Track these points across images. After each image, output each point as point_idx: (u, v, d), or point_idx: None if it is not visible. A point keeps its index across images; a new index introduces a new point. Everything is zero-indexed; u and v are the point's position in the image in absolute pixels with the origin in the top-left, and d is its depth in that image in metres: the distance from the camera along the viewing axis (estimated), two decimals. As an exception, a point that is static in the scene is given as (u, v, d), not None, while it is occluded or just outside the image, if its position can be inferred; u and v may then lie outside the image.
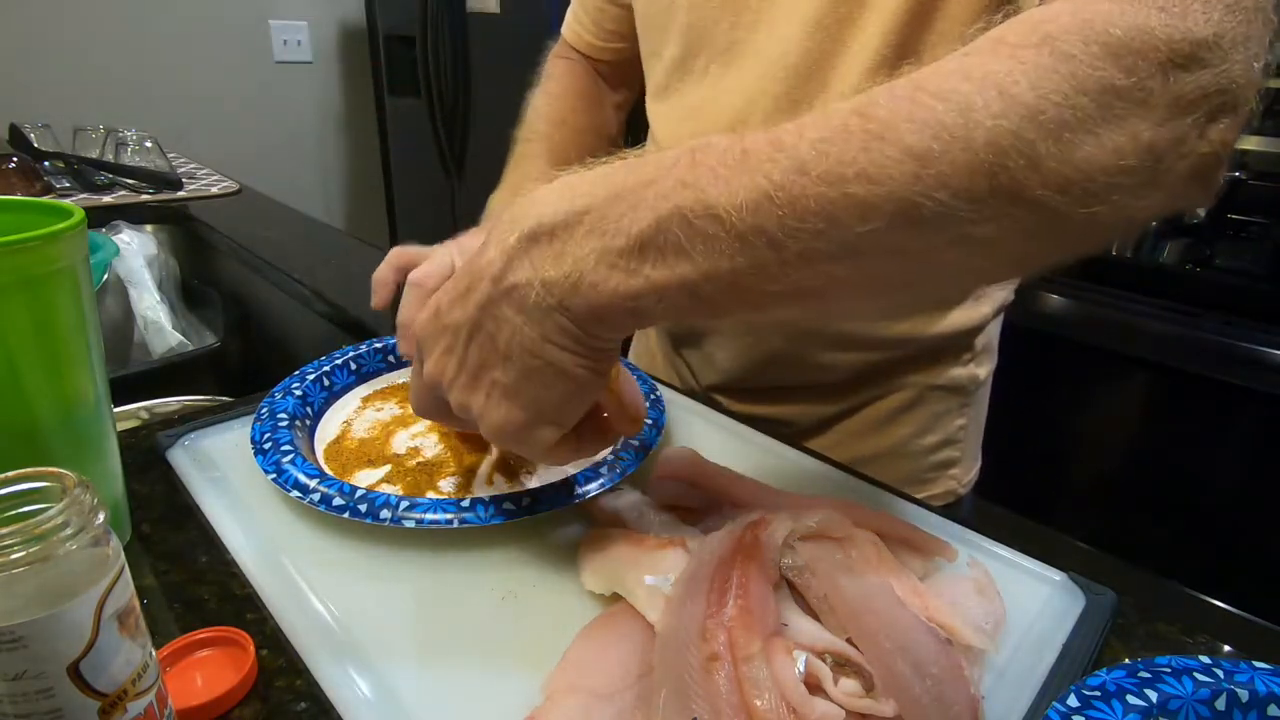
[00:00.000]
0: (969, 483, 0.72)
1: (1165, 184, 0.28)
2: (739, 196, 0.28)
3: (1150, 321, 1.28)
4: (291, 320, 0.97)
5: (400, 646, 0.35)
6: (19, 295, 0.34)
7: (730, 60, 0.58)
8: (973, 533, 0.45)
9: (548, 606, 0.38)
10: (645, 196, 0.29)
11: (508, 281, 0.31)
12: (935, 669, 0.31)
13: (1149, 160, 0.27)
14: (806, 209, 0.27)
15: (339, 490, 0.42)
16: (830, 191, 0.27)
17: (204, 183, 1.34)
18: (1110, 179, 0.27)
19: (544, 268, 0.31)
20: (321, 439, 0.52)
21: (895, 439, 0.67)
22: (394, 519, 0.41)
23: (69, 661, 0.24)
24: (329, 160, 2.51)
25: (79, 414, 0.38)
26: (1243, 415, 1.22)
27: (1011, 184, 0.26)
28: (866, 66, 0.51)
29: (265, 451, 0.46)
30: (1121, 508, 1.40)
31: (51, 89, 1.88)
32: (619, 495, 0.44)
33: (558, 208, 0.31)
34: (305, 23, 2.31)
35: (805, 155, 0.28)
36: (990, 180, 0.26)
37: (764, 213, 0.28)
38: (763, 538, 0.36)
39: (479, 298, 0.32)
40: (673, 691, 0.30)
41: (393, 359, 0.61)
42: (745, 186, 0.28)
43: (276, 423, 0.49)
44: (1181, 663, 0.30)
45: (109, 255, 0.78)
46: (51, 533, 0.23)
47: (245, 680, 0.33)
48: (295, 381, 0.54)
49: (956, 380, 0.66)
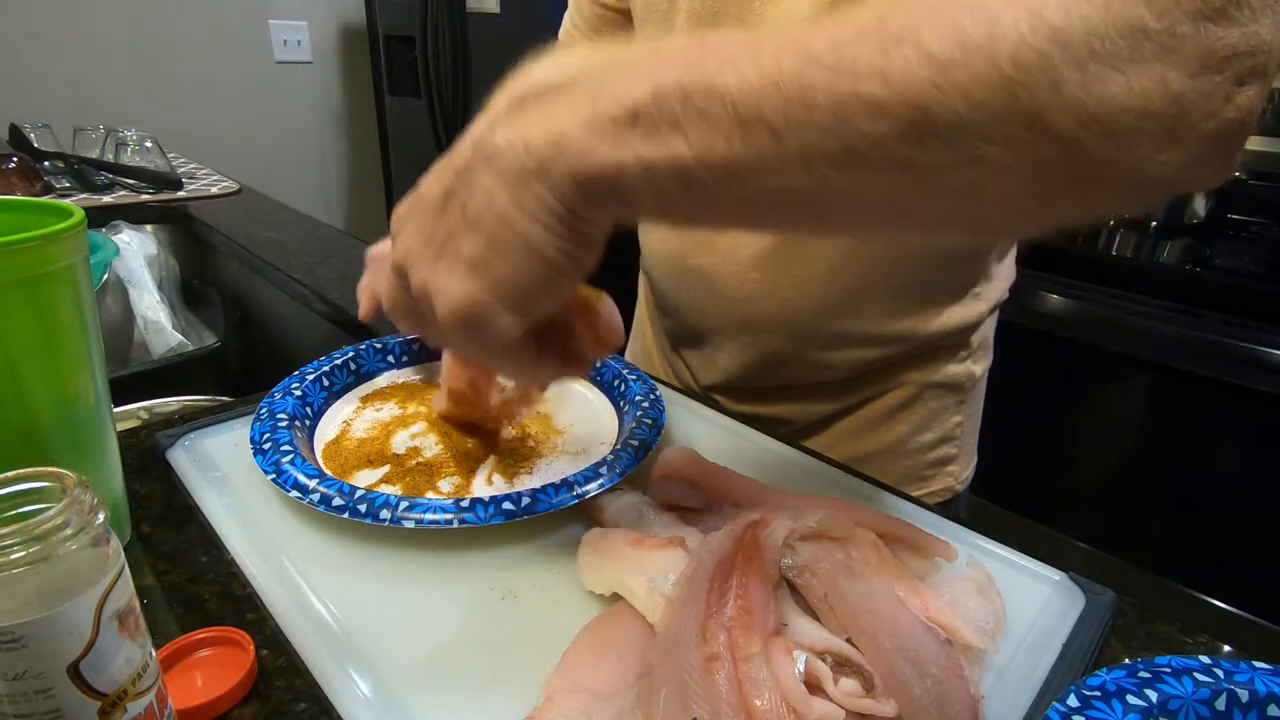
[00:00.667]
0: (966, 479, 0.73)
1: (1187, 142, 0.27)
2: (745, 79, 0.27)
3: (1150, 321, 1.28)
4: (291, 320, 0.97)
5: (400, 646, 0.35)
6: (19, 295, 0.34)
7: None
8: (972, 533, 0.45)
9: (548, 606, 0.38)
10: (645, 67, 0.28)
11: (488, 144, 0.29)
12: (935, 669, 0.31)
13: (1174, 110, 0.26)
14: (815, 101, 0.26)
15: (338, 490, 0.42)
16: (841, 85, 0.26)
17: (204, 183, 1.34)
18: (1134, 121, 0.26)
19: (528, 129, 0.28)
20: (321, 439, 0.52)
21: (893, 437, 0.67)
22: (394, 519, 0.41)
23: (69, 661, 0.24)
24: (329, 160, 2.51)
25: (79, 414, 0.38)
26: (1242, 415, 1.22)
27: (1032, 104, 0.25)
28: None
29: (265, 451, 0.46)
30: (1121, 508, 1.40)
31: (51, 89, 1.88)
32: (619, 495, 0.44)
33: (551, 71, 0.29)
34: (305, 23, 2.31)
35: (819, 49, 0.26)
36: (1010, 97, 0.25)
37: (769, 99, 0.26)
38: (762, 538, 0.36)
39: (456, 163, 0.30)
40: (673, 691, 0.30)
41: (392, 359, 0.61)
42: (754, 71, 0.27)
43: (276, 423, 0.49)
44: (1181, 663, 0.30)
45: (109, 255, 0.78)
46: (51, 533, 0.23)
47: (245, 680, 0.33)
48: (295, 381, 0.54)
49: (953, 377, 0.66)
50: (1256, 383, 1.18)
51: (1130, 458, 1.38)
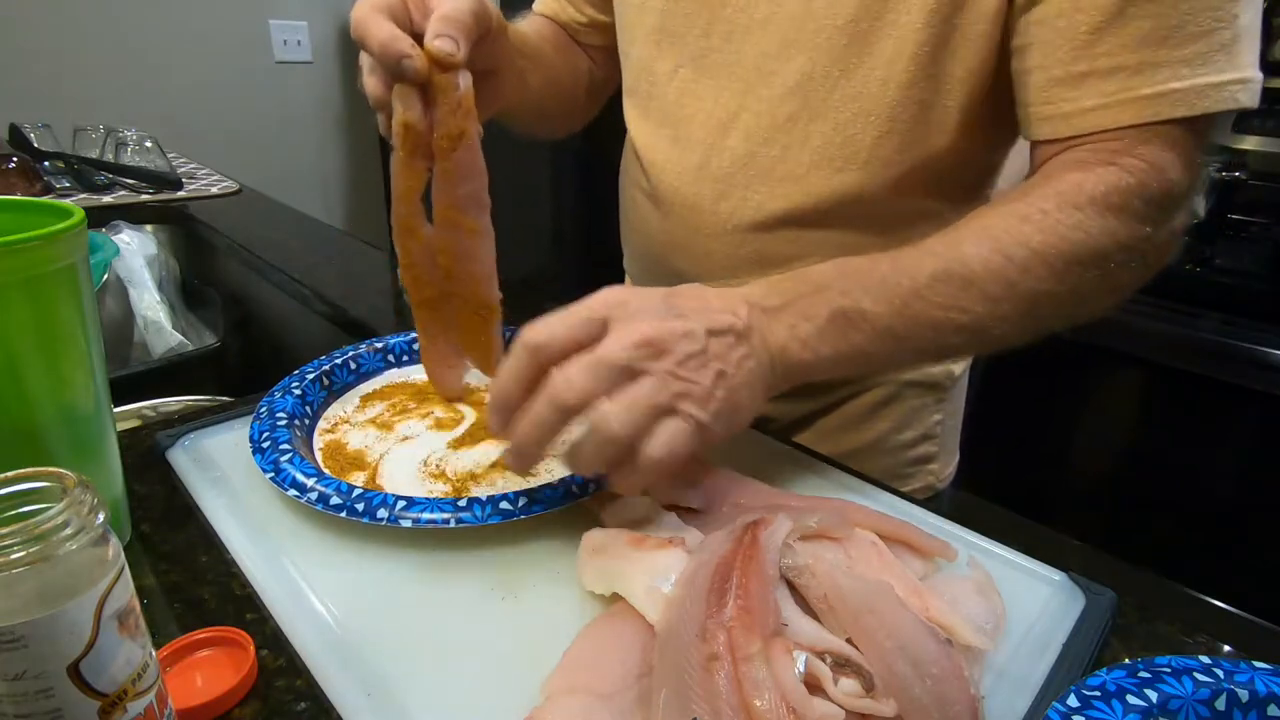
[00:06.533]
0: (947, 477, 0.73)
1: None
2: (881, 306, 0.44)
3: (1149, 321, 1.28)
4: (291, 320, 0.97)
5: (400, 646, 0.35)
6: (19, 295, 0.34)
7: (703, 68, 0.57)
8: (972, 533, 0.45)
9: (548, 606, 0.38)
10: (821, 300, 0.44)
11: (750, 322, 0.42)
12: (935, 669, 0.31)
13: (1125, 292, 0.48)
14: (924, 323, 0.44)
15: (336, 489, 0.42)
16: (939, 314, 0.44)
17: (204, 183, 1.34)
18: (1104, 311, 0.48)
19: (766, 331, 0.43)
20: (320, 438, 0.52)
21: (874, 434, 0.67)
22: (391, 518, 0.41)
23: (69, 661, 0.24)
24: (329, 160, 2.50)
25: (79, 414, 0.38)
26: (1242, 415, 1.22)
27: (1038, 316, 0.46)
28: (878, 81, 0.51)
29: (264, 450, 0.46)
30: (1121, 508, 1.40)
31: (51, 89, 1.88)
32: (619, 495, 0.44)
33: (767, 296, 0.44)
34: (305, 23, 2.30)
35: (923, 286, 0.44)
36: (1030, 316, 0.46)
37: (896, 320, 0.44)
38: (762, 538, 0.36)
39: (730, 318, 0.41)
40: (673, 691, 0.30)
41: (392, 358, 0.61)
42: (885, 300, 0.44)
43: (275, 422, 0.49)
44: (1181, 663, 0.30)
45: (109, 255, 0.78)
46: (51, 533, 0.23)
47: (245, 680, 0.33)
48: (295, 381, 0.54)
49: (932, 376, 0.67)
50: (1256, 383, 1.18)
51: (1130, 457, 1.38)
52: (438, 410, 0.55)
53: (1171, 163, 0.44)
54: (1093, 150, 0.45)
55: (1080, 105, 0.45)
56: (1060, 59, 0.45)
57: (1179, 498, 1.31)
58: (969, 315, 0.44)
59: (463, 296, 0.51)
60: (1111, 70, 0.43)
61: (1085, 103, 0.45)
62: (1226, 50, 0.42)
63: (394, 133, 0.45)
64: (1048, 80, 0.46)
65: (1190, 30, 0.42)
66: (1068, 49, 0.44)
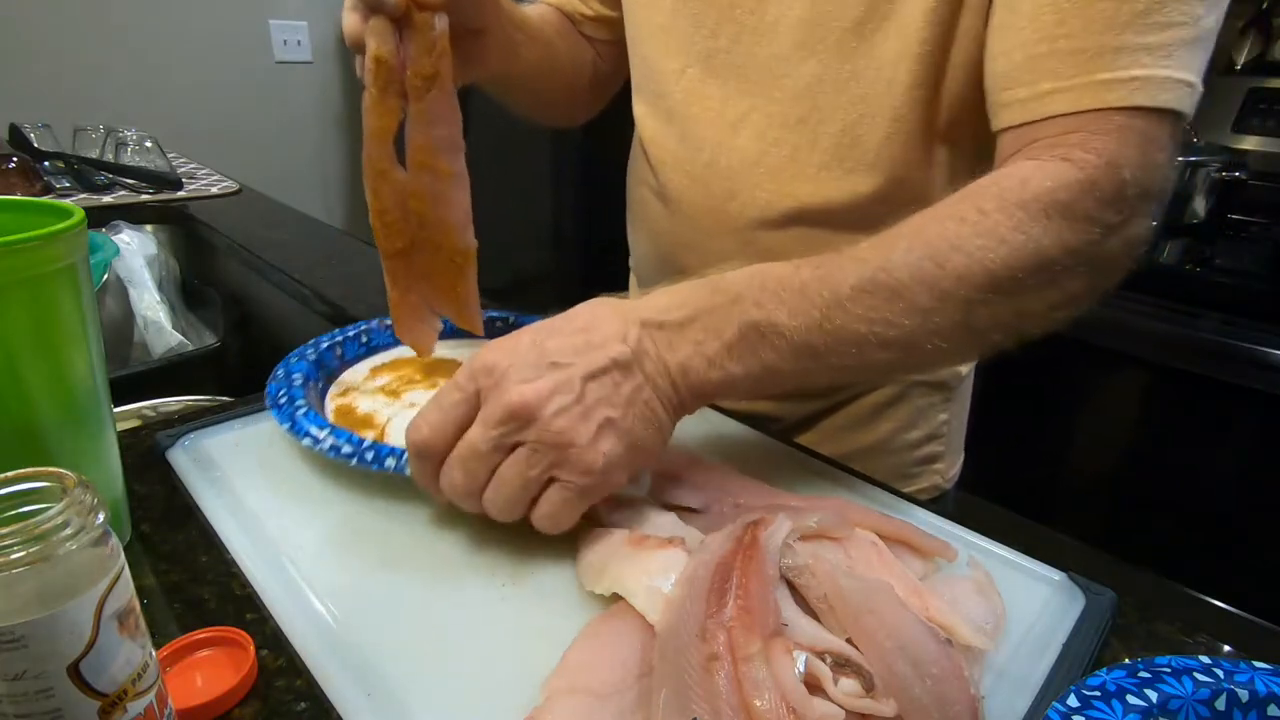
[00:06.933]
0: (953, 477, 0.73)
1: None
2: (797, 320, 0.40)
3: (1149, 321, 1.27)
4: (291, 320, 0.97)
5: (400, 646, 0.35)
6: (19, 295, 0.34)
7: (712, 68, 0.57)
8: (972, 532, 0.45)
9: (548, 606, 0.39)
10: (733, 312, 0.40)
11: (641, 348, 0.40)
12: (935, 669, 0.31)
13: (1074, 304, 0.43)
14: (845, 339, 0.40)
15: (347, 439, 0.44)
16: (862, 328, 0.40)
17: (204, 183, 1.34)
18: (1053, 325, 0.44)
19: (666, 353, 0.40)
20: (332, 402, 0.54)
21: (879, 434, 0.67)
22: (398, 467, 0.43)
23: (69, 661, 0.24)
24: (329, 160, 2.50)
25: (79, 414, 0.38)
26: (1242, 415, 1.22)
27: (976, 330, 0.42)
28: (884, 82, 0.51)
29: (280, 406, 0.48)
30: (1121, 508, 1.40)
31: (51, 89, 1.88)
32: (619, 495, 0.44)
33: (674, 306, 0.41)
34: (305, 23, 2.30)
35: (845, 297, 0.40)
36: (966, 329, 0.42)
37: (814, 334, 0.40)
38: (762, 538, 0.36)
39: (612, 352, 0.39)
40: (673, 691, 0.30)
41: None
42: (803, 313, 0.40)
43: (291, 382, 0.51)
44: (1181, 663, 0.30)
45: (109, 255, 0.78)
46: (51, 533, 0.23)
47: (245, 680, 0.33)
48: (310, 348, 0.56)
49: (938, 375, 0.67)
50: (1256, 383, 1.18)
51: (1130, 457, 1.38)
52: (443, 382, 0.56)
53: (1127, 160, 0.41)
54: (1048, 144, 0.43)
55: (1037, 89, 0.42)
56: (1022, 41, 0.43)
57: (1179, 498, 1.31)
58: (896, 329, 0.40)
59: (436, 244, 0.51)
60: (1072, 52, 0.41)
61: (1043, 85, 0.42)
62: (1189, 49, 0.40)
63: (366, 68, 0.45)
64: (1009, 65, 0.44)
65: (1156, 19, 0.40)
66: (1030, 30, 0.42)
